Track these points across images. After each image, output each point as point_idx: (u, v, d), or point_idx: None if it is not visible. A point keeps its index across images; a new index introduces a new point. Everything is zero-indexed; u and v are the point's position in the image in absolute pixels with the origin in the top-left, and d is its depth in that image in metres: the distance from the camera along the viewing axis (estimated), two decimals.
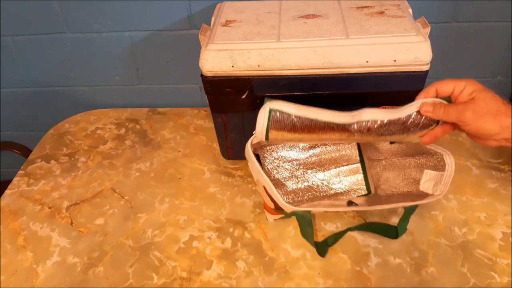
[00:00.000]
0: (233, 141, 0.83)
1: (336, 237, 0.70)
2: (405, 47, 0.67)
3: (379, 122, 0.57)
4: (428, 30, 0.71)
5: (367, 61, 0.67)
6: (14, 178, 0.89)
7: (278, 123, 0.58)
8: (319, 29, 0.71)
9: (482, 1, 0.87)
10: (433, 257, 0.67)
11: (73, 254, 0.72)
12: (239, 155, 0.86)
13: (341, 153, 0.79)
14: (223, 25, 0.75)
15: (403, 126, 0.57)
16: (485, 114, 0.51)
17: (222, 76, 0.71)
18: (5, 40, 1.00)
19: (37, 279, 0.68)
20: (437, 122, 0.57)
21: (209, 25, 0.79)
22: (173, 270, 0.68)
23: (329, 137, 0.60)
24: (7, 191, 0.86)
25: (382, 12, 0.74)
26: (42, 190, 0.85)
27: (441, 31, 0.91)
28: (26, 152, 1.16)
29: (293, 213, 0.65)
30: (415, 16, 0.75)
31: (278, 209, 0.66)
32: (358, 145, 0.78)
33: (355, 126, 0.57)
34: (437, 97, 0.56)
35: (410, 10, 0.76)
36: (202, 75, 0.72)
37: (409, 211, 0.68)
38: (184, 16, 0.93)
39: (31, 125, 1.19)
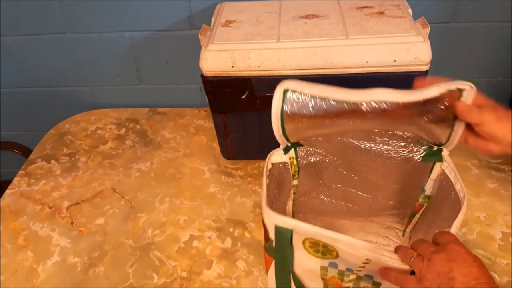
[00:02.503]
0: (233, 141, 0.83)
1: None
2: (405, 47, 0.67)
3: (390, 104, 0.49)
4: (427, 30, 0.71)
5: (367, 61, 0.67)
6: (15, 178, 0.89)
7: (292, 104, 0.52)
8: (319, 29, 0.71)
9: (482, 1, 0.87)
10: None
11: (73, 254, 0.72)
12: (239, 155, 0.86)
13: None
14: (223, 25, 0.75)
15: (421, 109, 0.50)
16: (503, 117, 0.50)
17: (222, 76, 0.71)
18: (5, 40, 1.00)
19: (38, 278, 0.69)
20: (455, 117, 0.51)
21: (209, 25, 0.79)
22: (173, 270, 0.68)
23: (344, 122, 0.53)
24: (7, 191, 0.86)
25: (382, 13, 0.75)
26: (43, 190, 0.86)
27: (440, 31, 0.91)
28: (26, 152, 1.16)
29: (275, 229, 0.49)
30: (415, 16, 0.75)
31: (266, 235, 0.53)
32: None
33: (367, 107, 0.50)
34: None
35: (410, 10, 0.76)
36: (202, 75, 0.72)
37: None
38: (184, 16, 0.93)
39: (31, 125, 1.19)
